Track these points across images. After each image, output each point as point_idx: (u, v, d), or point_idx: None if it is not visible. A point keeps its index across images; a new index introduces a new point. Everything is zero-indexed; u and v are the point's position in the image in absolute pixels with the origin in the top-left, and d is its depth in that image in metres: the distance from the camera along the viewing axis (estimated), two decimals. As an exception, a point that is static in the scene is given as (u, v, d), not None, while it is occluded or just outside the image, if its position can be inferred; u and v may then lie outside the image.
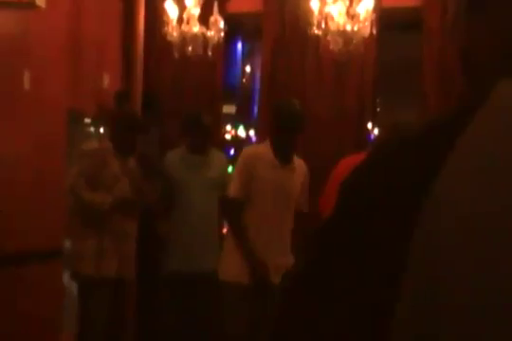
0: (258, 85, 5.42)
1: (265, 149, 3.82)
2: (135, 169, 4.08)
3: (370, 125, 5.30)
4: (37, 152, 4.21)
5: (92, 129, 4.92)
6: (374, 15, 4.52)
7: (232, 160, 5.72)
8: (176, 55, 4.67)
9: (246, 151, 3.97)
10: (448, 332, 0.58)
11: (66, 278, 4.44)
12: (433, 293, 0.59)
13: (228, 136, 5.98)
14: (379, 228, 0.68)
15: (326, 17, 4.46)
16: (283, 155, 3.83)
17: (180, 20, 4.54)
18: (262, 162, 3.75)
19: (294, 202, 3.89)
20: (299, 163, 3.96)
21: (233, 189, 3.77)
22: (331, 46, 4.54)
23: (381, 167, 0.73)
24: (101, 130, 4.84)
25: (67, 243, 4.24)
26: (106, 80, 4.83)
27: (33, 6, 3.63)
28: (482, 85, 0.72)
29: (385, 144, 0.83)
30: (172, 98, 5.21)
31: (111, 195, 3.88)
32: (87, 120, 4.89)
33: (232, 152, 5.86)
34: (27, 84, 4.10)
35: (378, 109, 5.58)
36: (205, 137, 4.44)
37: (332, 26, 4.46)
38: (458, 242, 0.59)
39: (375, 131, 5.87)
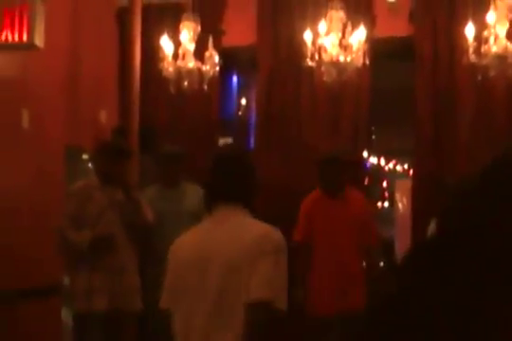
0: (254, 118, 5.45)
1: None
2: (123, 197, 4.02)
3: (365, 153, 5.35)
4: (36, 189, 4.21)
5: (90, 165, 4.92)
6: (367, 45, 4.59)
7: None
8: (172, 90, 4.71)
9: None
10: None
11: (65, 314, 4.41)
12: None
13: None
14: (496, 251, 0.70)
15: (320, 49, 4.52)
16: None
17: (176, 55, 4.59)
18: None
19: None
20: None
21: None
22: (325, 78, 4.59)
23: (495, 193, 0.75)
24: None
25: (66, 280, 4.23)
26: (104, 117, 4.85)
27: (32, 46, 3.66)
28: None
29: (493, 171, 0.82)
30: (169, 133, 5.23)
31: (92, 232, 3.86)
32: (85, 156, 4.89)
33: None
34: (25, 123, 4.12)
35: (374, 137, 5.62)
36: (172, 168, 4.41)
37: (325, 58, 4.52)
38: None
39: (371, 159, 5.91)
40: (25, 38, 3.50)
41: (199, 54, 4.65)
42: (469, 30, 4.56)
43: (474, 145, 4.92)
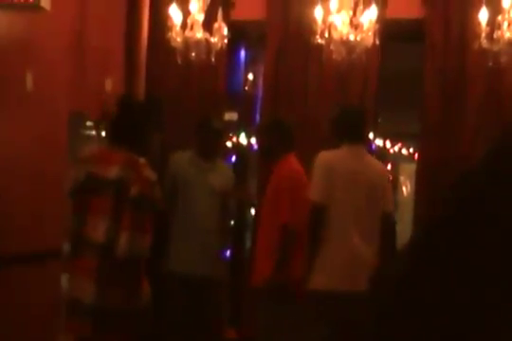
0: (260, 93, 5.43)
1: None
2: None
3: (371, 135, 5.30)
4: (38, 154, 4.22)
5: (94, 132, 4.94)
6: (378, 26, 4.54)
7: (233, 167, 5.73)
8: (180, 60, 4.69)
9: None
10: None
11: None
12: None
13: (229, 144, 5.98)
14: None
15: (330, 26, 4.48)
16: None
17: (184, 25, 4.56)
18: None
19: None
20: None
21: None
22: (334, 56, 4.55)
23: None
24: (103, 133, 4.85)
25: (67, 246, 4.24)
26: (109, 84, 4.85)
27: (38, 8, 3.66)
28: None
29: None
30: (174, 104, 5.22)
31: None
32: (89, 123, 4.91)
33: (233, 159, 5.86)
34: (29, 86, 4.12)
35: (380, 119, 5.58)
36: (215, 142, 4.45)
37: (335, 36, 4.47)
38: None
39: (377, 141, 5.88)
40: (31, -1, 3.50)
41: (208, 25, 4.62)
42: (483, 15, 4.49)
43: (481, 131, 4.88)
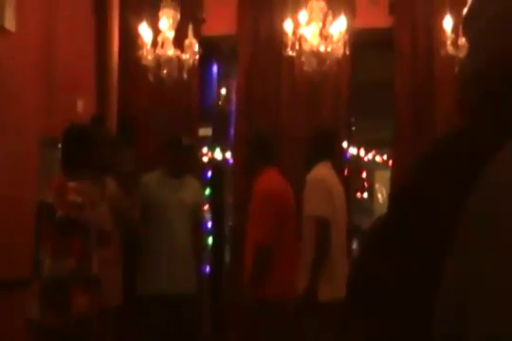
0: (234, 107, 5.42)
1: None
2: (113, 188, 3.98)
3: (345, 144, 5.33)
4: (8, 179, 4.12)
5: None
6: (347, 36, 4.58)
7: (209, 182, 5.71)
8: (151, 78, 4.66)
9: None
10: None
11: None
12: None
13: (204, 159, 5.95)
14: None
15: (300, 38, 4.51)
16: None
17: (155, 43, 4.54)
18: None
19: None
20: None
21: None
22: (305, 67, 4.58)
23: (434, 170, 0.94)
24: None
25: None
26: (81, 105, 4.79)
27: (2, 29, 3.58)
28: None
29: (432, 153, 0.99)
30: (147, 122, 5.18)
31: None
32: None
33: (209, 174, 5.83)
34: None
35: (353, 128, 5.62)
36: (184, 160, 4.41)
37: (306, 48, 4.51)
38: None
39: (351, 149, 5.91)
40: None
41: (179, 42, 4.60)
42: (447, 23, 4.59)
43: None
